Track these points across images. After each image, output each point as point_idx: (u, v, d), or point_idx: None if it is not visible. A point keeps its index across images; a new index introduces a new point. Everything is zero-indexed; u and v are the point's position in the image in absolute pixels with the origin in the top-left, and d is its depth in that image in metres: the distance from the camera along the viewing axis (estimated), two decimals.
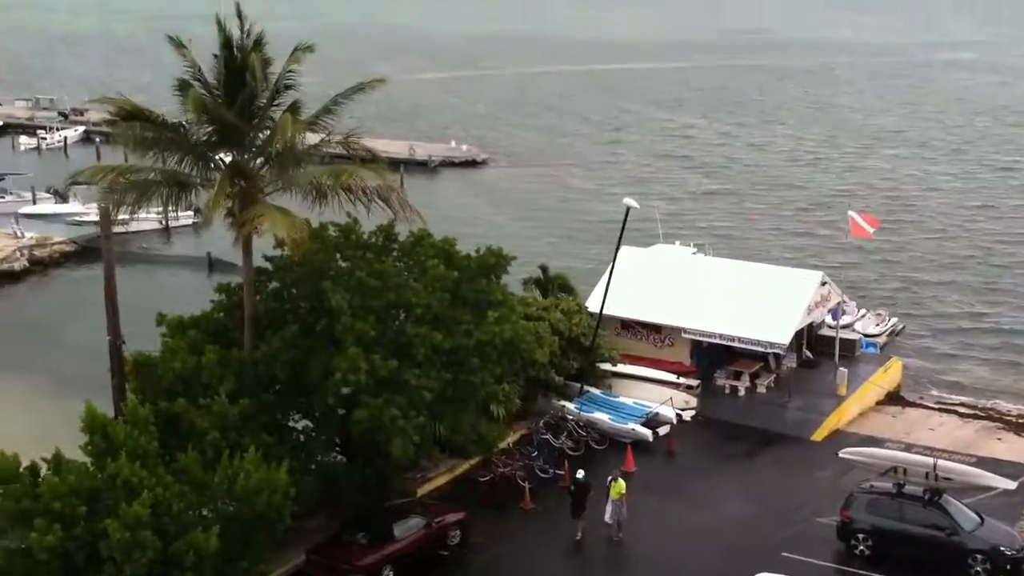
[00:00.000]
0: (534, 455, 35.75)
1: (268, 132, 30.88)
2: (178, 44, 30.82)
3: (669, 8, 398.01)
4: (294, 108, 30.90)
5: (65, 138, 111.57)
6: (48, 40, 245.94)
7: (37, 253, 66.47)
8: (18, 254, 65.17)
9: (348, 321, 29.92)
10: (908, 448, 35.85)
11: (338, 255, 32.77)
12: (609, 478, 31.83)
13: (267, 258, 33.16)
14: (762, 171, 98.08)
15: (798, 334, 43.43)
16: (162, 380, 29.88)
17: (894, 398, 44.08)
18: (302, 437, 31.74)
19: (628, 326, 44.22)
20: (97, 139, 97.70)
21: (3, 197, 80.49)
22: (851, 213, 49.39)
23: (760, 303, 42.26)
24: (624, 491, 31.46)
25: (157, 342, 32.35)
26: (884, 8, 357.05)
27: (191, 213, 64.89)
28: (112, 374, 30.48)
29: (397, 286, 31.17)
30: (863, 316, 53.65)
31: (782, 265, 50.57)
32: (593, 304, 42.01)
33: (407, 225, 32.36)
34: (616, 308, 41.82)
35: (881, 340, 51.64)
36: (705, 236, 65.49)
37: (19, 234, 67.94)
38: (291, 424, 31.93)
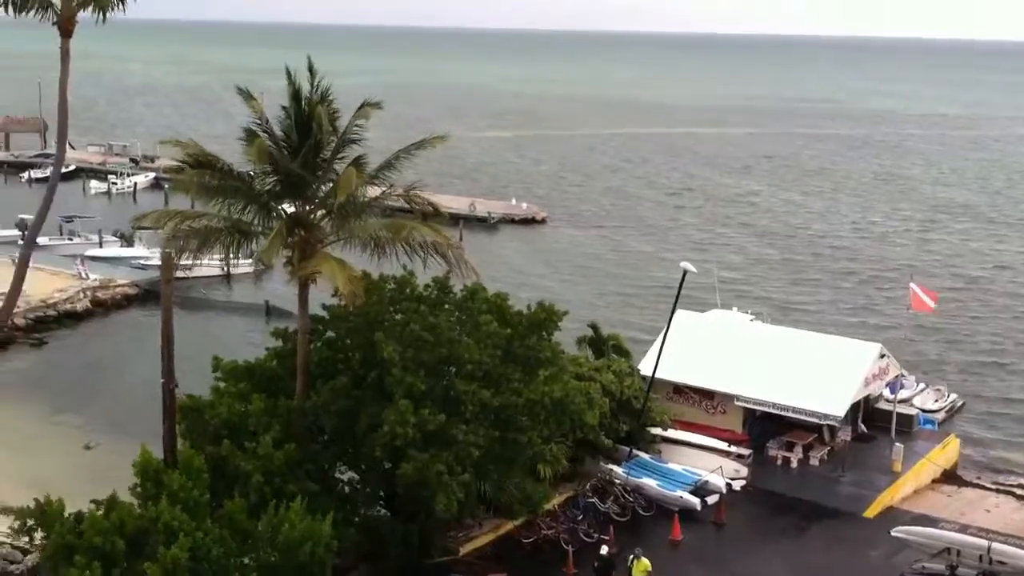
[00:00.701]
0: (579, 518, 35.30)
1: (331, 184, 31.32)
2: (247, 96, 31.57)
3: (737, 75, 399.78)
4: (358, 162, 31.35)
5: (135, 184, 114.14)
6: (124, 89, 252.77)
7: (100, 295, 67.59)
8: (81, 295, 66.33)
9: (399, 374, 30.03)
10: (963, 529, 34.86)
11: (392, 307, 32.95)
12: (631, 556, 30.72)
13: (325, 307, 33.49)
14: (825, 241, 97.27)
15: (854, 407, 42.70)
16: (209, 425, 30.19)
17: (950, 477, 43.02)
18: (347, 489, 31.81)
19: (680, 391, 43.81)
20: (166, 185, 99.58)
21: (71, 239, 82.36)
22: (912, 286, 48.73)
23: (816, 373, 41.65)
24: (649, 569, 30.57)
25: (211, 386, 32.77)
26: (957, 81, 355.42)
27: (252, 261, 65.57)
28: (164, 418, 30.79)
29: (449, 341, 31.22)
30: (922, 391, 52.69)
31: (840, 335, 49.92)
32: (646, 367, 41.67)
33: (462, 279, 32.56)
34: (669, 372, 41.42)
35: (939, 416, 50.60)
36: (763, 303, 64.95)
37: (83, 275, 69.23)
38: (337, 475, 32.00)
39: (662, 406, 41.96)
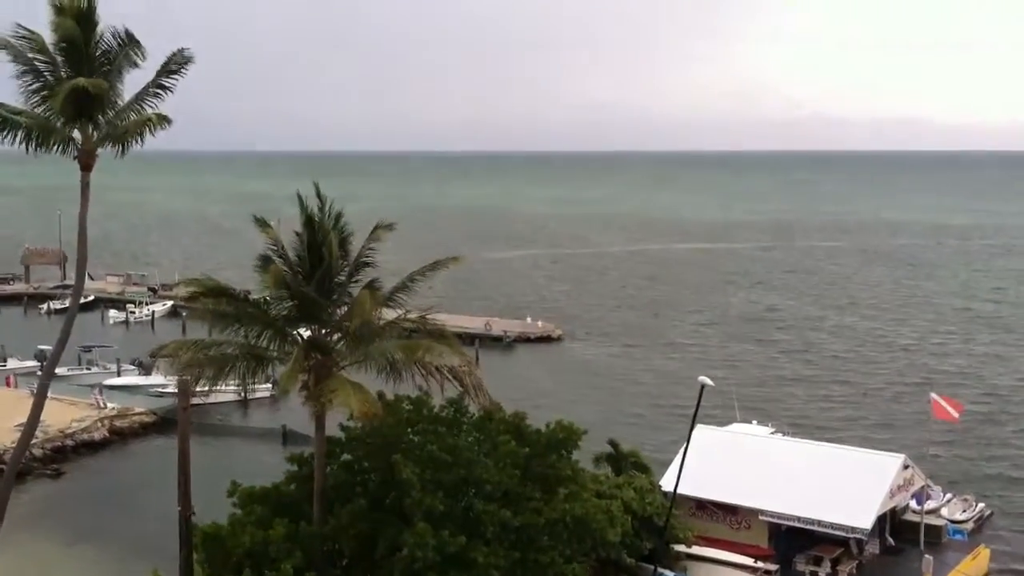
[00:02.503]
0: None
1: (346, 307, 31.54)
2: (262, 224, 32.02)
3: (751, 189, 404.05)
4: (372, 285, 31.60)
5: (153, 312, 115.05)
6: (143, 219, 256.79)
7: (118, 423, 67.60)
8: (99, 424, 66.37)
9: (418, 495, 29.81)
10: None
11: (409, 428, 32.86)
12: None
13: (342, 427, 33.40)
14: (845, 353, 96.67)
15: (881, 519, 42.05)
16: (230, 554, 29.85)
17: None
18: None
19: (703, 507, 43.25)
20: (184, 313, 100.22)
21: (89, 369, 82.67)
22: (933, 395, 48.41)
23: (840, 486, 41.18)
24: None
25: (228, 513, 32.48)
26: (978, 192, 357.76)
27: (268, 385, 65.71)
28: (180, 546, 30.49)
29: (468, 461, 31.07)
30: (949, 501, 51.78)
31: (863, 447, 49.39)
32: (667, 483, 41.20)
33: (477, 405, 32.48)
34: (691, 488, 40.87)
35: (968, 527, 49.62)
36: (783, 416, 64.45)
37: (101, 404, 69.37)
38: None
39: (685, 522, 41.38)
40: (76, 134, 34.44)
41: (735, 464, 43.76)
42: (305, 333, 32.03)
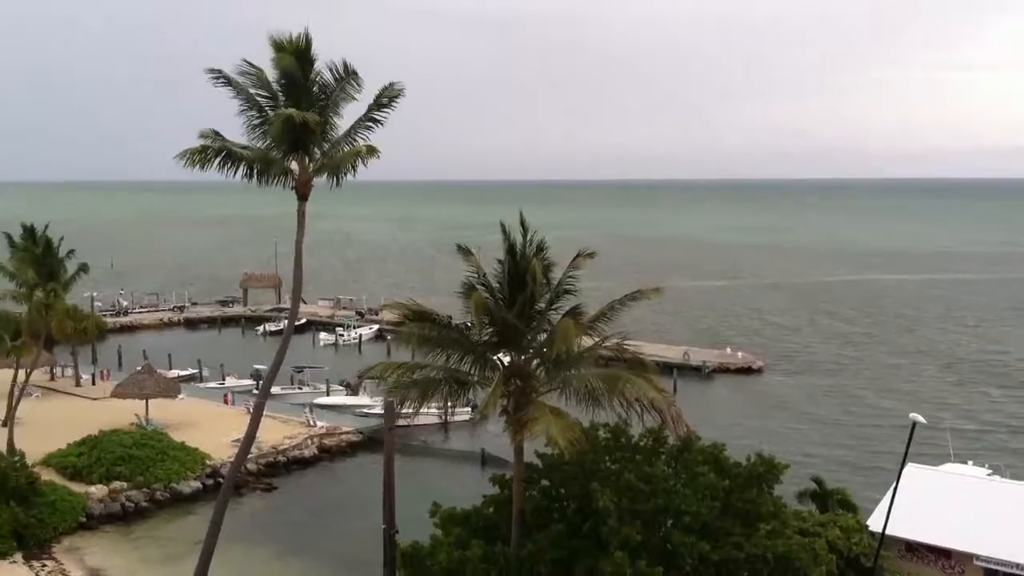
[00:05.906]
0: None
1: (545, 335, 31.79)
2: (466, 252, 32.68)
3: (966, 217, 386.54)
4: (573, 312, 31.76)
5: (360, 335, 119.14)
6: (351, 246, 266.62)
7: (327, 442, 70.12)
8: (309, 442, 69.02)
9: (615, 524, 29.70)
10: None
11: (607, 456, 32.83)
12: None
13: (539, 455, 33.64)
14: None
15: None
16: (430, 572, 30.46)
17: None
18: None
19: (914, 549, 41.39)
20: (389, 337, 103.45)
21: (300, 388, 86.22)
22: None
23: None
24: None
25: (430, 533, 33.19)
26: None
27: (468, 409, 66.92)
28: (384, 562, 31.33)
29: (665, 491, 30.76)
30: None
31: None
32: (875, 523, 39.70)
33: (676, 436, 32.12)
34: (901, 529, 39.28)
35: None
36: (1001, 458, 60.97)
37: (311, 423, 72.19)
38: None
39: (895, 565, 39.75)
40: (294, 165, 36.08)
41: (948, 505, 41.75)
42: (505, 359, 32.48)
